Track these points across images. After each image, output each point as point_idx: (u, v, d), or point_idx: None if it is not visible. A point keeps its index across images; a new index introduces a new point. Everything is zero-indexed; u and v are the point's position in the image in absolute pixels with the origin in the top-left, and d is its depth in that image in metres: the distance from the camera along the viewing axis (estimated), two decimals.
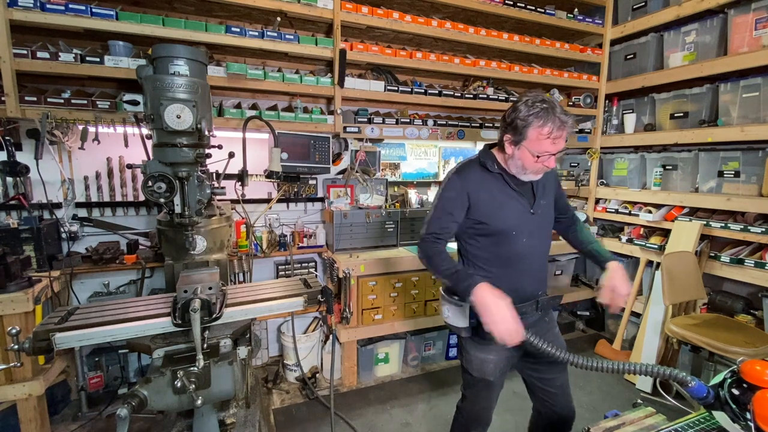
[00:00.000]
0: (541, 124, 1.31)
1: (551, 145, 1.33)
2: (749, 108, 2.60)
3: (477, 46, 3.14)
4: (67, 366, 2.40)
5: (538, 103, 1.33)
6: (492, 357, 1.52)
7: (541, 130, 1.31)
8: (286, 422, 2.43)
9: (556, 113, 1.31)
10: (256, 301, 1.49)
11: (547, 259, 1.62)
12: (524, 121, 1.34)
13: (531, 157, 1.36)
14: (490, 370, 1.54)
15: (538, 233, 1.51)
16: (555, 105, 1.32)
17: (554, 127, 1.31)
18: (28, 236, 2.14)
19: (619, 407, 1.75)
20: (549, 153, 1.34)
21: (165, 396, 1.22)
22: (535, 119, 1.32)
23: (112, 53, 2.25)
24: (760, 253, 2.51)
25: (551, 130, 1.31)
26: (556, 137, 1.32)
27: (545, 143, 1.33)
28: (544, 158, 1.36)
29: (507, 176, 1.48)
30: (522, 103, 1.36)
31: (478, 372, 1.56)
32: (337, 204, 3.01)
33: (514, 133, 1.37)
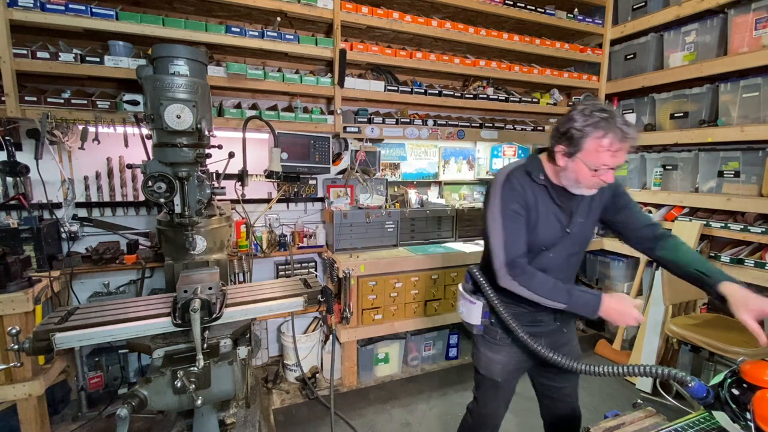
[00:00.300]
0: (601, 135, 1.20)
1: (611, 158, 1.22)
2: (749, 108, 2.60)
3: (477, 46, 3.14)
4: (67, 366, 2.40)
5: (597, 113, 1.21)
6: (500, 358, 1.52)
7: (601, 141, 1.21)
8: (286, 422, 2.43)
9: (618, 123, 1.20)
10: (256, 301, 1.49)
11: (575, 272, 1.53)
12: (581, 132, 1.22)
13: (587, 171, 1.25)
14: (497, 371, 1.53)
15: (568, 250, 1.43)
16: (615, 114, 1.21)
17: (615, 139, 1.20)
18: (28, 236, 2.14)
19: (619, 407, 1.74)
20: (607, 166, 1.23)
21: (165, 396, 1.22)
22: (594, 129, 1.21)
23: (112, 53, 2.25)
24: (760, 253, 2.51)
25: (612, 141, 1.20)
26: (618, 150, 1.21)
27: (604, 156, 1.22)
28: (602, 172, 1.25)
29: (552, 189, 1.37)
30: (578, 112, 1.24)
31: (485, 370, 1.56)
32: (337, 204, 3.01)
33: (569, 144, 1.26)
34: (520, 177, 1.38)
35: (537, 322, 1.48)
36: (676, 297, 2.47)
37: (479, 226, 3.41)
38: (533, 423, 2.46)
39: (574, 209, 1.40)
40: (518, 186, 1.36)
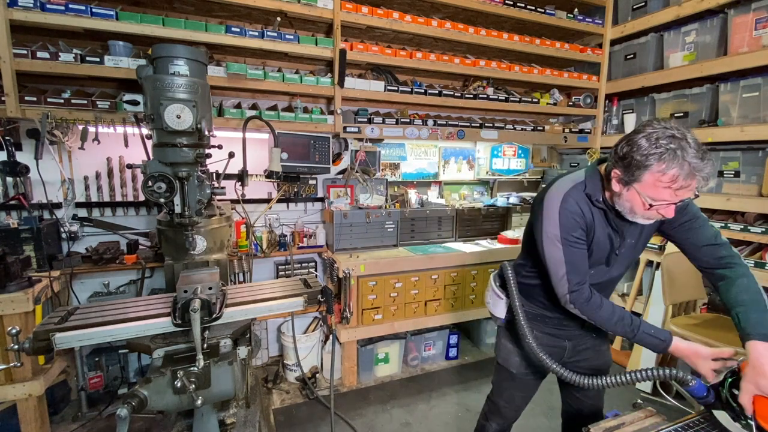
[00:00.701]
0: (663, 169, 1.03)
1: (671, 195, 1.06)
2: (749, 108, 2.60)
3: (477, 46, 3.14)
4: (67, 366, 2.40)
5: (664, 141, 1.03)
6: (520, 350, 1.52)
7: (662, 176, 1.04)
8: (286, 422, 2.43)
9: (688, 156, 1.01)
10: (256, 301, 1.49)
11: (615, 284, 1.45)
12: (641, 161, 1.06)
13: (642, 203, 1.12)
14: (514, 363, 1.53)
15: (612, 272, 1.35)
16: (687, 146, 1.02)
17: (681, 175, 1.02)
18: (28, 236, 2.14)
19: (619, 407, 1.74)
20: (667, 202, 1.08)
21: (165, 396, 1.22)
22: (657, 162, 1.04)
23: (112, 53, 2.25)
24: (760, 253, 2.51)
25: (675, 178, 1.03)
26: (681, 187, 1.04)
27: (664, 192, 1.06)
28: (660, 206, 1.10)
29: (610, 211, 1.24)
30: (643, 136, 1.07)
31: (503, 360, 1.58)
32: (337, 204, 3.01)
33: (625, 172, 1.11)
34: (579, 198, 1.23)
35: (563, 326, 1.45)
36: (676, 297, 2.47)
37: (479, 226, 3.42)
38: (533, 423, 2.46)
39: (626, 231, 1.28)
40: (578, 209, 1.22)
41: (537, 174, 4.01)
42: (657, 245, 2.99)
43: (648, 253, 3.07)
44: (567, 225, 1.21)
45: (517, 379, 1.55)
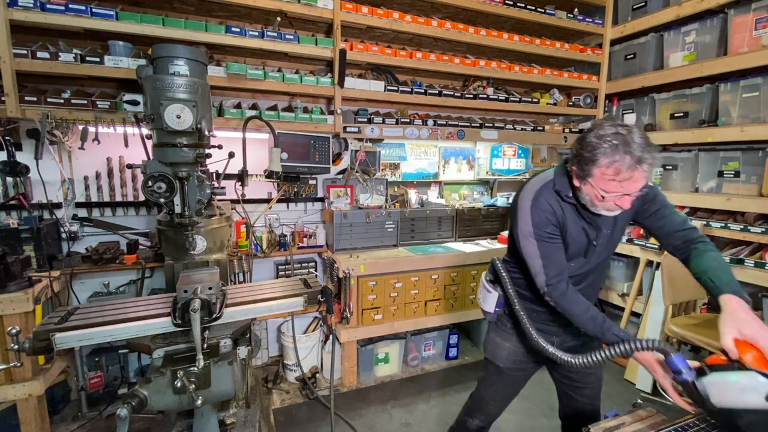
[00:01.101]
0: (607, 163, 1.12)
1: (618, 186, 1.14)
2: (749, 108, 2.60)
3: (477, 46, 3.14)
4: (67, 366, 2.40)
5: (609, 137, 1.12)
6: (507, 345, 1.56)
7: (606, 170, 1.13)
8: (286, 422, 2.43)
9: (631, 149, 1.10)
10: (256, 301, 1.49)
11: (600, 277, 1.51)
12: (589, 156, 1.16)
13: (596, 196, 1.20)
14: (501, 357, 1.57)
15: (593, 261, 1.41)
16: (631, 140, 1.11)
17: (623, 167, 1.10)
18: (28, 236, 2.14)
19: (619, 407, 1.74)
20: (617, 194, 1.16)
21: (165, 396, 1.22)
22: (602, 156, 1.13)
23: (112, 53, 2.25)
24: (760, 253, 2.51)
25: (618, 170, 1.11)
26: (626, 179, 1.12)
27: (611, 184, 1.15)
28: (614, 197, 1.18)
29: (580, 205, 1.32)
30: (593, 135, 1.16)
31: (491, 355, 1.61)
32: (337, 204, 3.01)
33: (580, 168, 1.21)
34: (548, 196, 1.32)
35: (550, 322, 1.49)
36: (676, 297, 2.48)
37: (479, 226, 3.41)
38: (533, 423, 2.46)
39: (601, 223, 1.35)
40: (548, 207, 1.31)
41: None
42: (657, 245, 2.99)
43: (648, 253, 3.07)
44: (539, 222, 1.30)
45: (504, 373, 1.59)
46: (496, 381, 1.62)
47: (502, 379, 1.61)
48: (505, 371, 1.58)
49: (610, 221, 1.36)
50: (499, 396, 1.63)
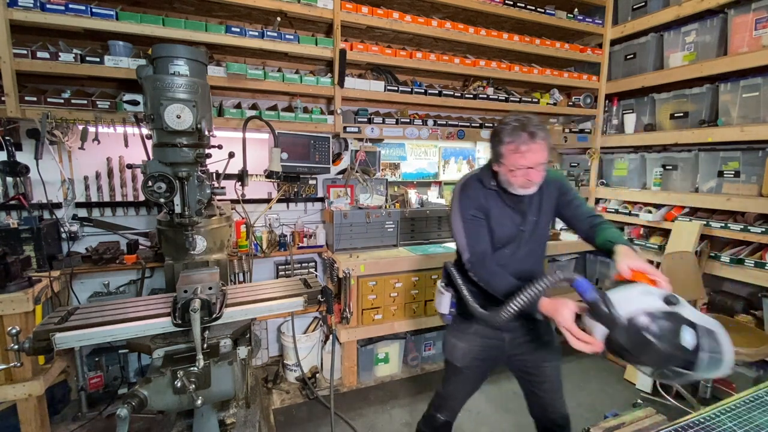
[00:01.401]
0: (509, 141, 1.40)
1: (522, 159, 1.39)
2: (749, 108, 2.60)
3: (477, 46, 3.14)
4: (67, 366, 2.40)
5: (511, 122, 1.41)
6: (462, 345, 1.66)
7: (509, 146, 1.40)
8: (286, 422, 2.43)
9: (526, 129, 1.37)
10: (256, 301, 1.49)
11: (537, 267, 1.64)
12: (498, 140, 1.44)
13: (508, 171, 1.44)
14: (457, 356, 1.67)
15: (525, 247, 1.57)
16: (528, 122, 1.39)
17: (520, 142, 1.38)
18: (28, 236, 2.14)
19: (619, 407, 1.75)
20: (523, 166, 1.40)
21: (165, 396, 1.22)
22: (506, 137, 1.41)
23: (112, 53, 2.25)
24: (760, 253, 2.51)
25: (518, 145, 1.38)
26: (526, 151, 1.38)
27: (514, 157, 1.40)
28: (522, 172, 1.41)
29: (503, 192, 1.53)
30: (500, 125, 1.45)
31: (448, 354, 1.72)
32: (337, 204, 3.01)
33: (494, 153, 1.48)
34: (473, 184, 1.56)
35: None
36: None
37: None
38: (532, 423, 2.46)
39: (527, 209, 1.55)
40: (472, 193, 1.54)
41: None
42: (657, 245, 2.99)
43: (648, 253, 3.07)
44: (464, 205, 1.54)
45: (462, 372, 1.68)
46: (456, 380, 1.71)
47: (460, 378, 1.70)
48: (463, 370, 1.67)
49: (534, 208, 1.56)
50: (459, 393, 1.73)
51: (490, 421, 2.47)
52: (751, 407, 1.14)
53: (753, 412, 1.11)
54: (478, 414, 2.38)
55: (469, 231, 1.52)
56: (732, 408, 1.14)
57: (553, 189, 1.59)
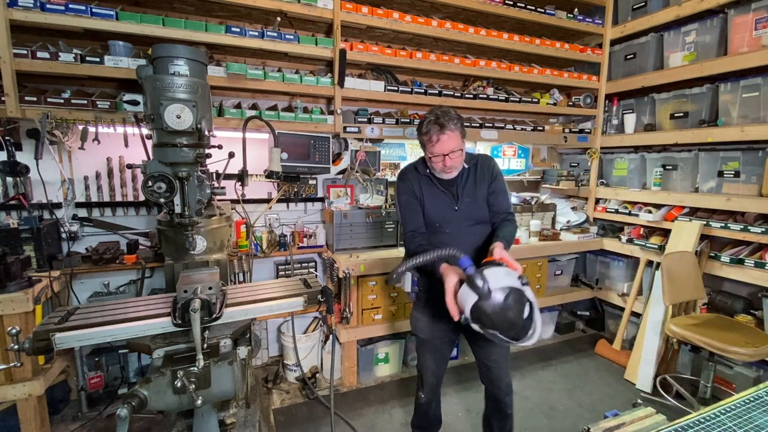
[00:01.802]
0: (425, 132, 1.64)
1: (435, 147, 1.63)
2: (749, 108, 2.60)
3: (477, 46, 3.14)
4: (67, 366, 2.40)
5: (428, 116, 1.65)
6: (423, 318, 1.87)
7: (425, 137, 1.65)
8: (286, 422, 2.43)
9: (438, 121, 1.60)
10: (256, 301, 1.49)
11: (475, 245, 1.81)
12: (418, 132, 1.69)
13: (430, 160, 1.69)
14: (420, 328, 1.89)
15: (461, 225, 1.77)
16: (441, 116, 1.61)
17: (433, 133, 1.61)
18: (28, 236, 2.14)
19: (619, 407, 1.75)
20: (439, 154, 1.63)
21: (165, 396, 1.22)
22: (423, 129, 1.65)
23: (112, 53, 2.25)
24: (760, 253, 2.51)
25: (431, 136, 1.62)
26: (437, 140, 1.62)
27: (430, 147, 1.65)
28: (438, 158, 1.65)
29: (435, 178, 1.77)
30: (421, 118, 1.68)
31: (414, 328, 1.94)
32: (337, 204, 3.01)
33: (421, 144, 1.72)
34: (408, 173, 1.82)
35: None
36: (676, 297, 2.47)
37: None
38: (532, 423, 2.46)
39: (460, 192, 1.77)
40: (407, 180, 1.80)
41: (537, 174, 4.01)
42: (657, 245, 2.99)
43: (648, 253, 3.07)
44: (400, 190, 1.81)
45: (426, 343, 1.89)
46: (423, 352, 1.93)
47: (427, 349, 1.90)
48: (426, 341, 1.89)
49: (470, 190, 1.77)
50: (429, 365, 1.91)
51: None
52: (751, 407, 1.14)
53: (753, 412, 1.11)
54: (477, 414, 2.37)
55: (404, 212, 1.79)
56: (732, 408, 1.14)
57: (486, 173, 1.81)
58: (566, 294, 3.51)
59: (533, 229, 3.33)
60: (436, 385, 1.96)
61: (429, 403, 1.99)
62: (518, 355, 3.27)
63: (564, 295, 3.50)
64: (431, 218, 1.77)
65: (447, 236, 1.76)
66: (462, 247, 1.67)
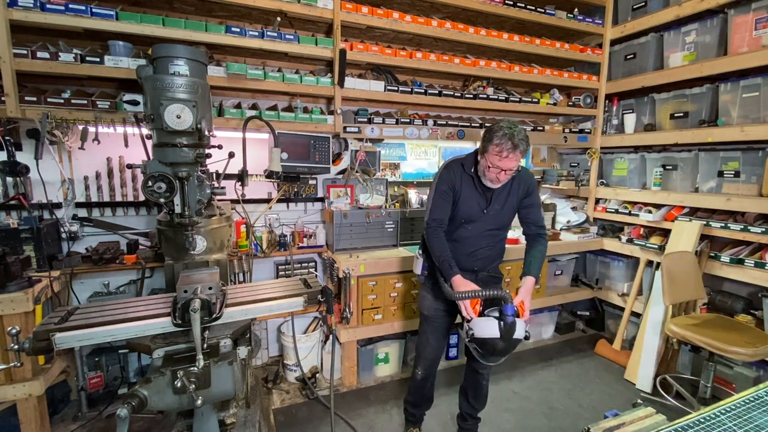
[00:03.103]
0: (497, 143, 1.68)
1: (499, 161, 1.70)
2: (749, 108, 2.60)
3: (477, 46, 3.14)
4: (67, 366, 2.40)
5: (504, 127, 1.69)
6: (429, 297, 2.04)
7: (495, 147, 1.69)
8: (286, 422, 2.43)
9: (513, 139, 1.65)
10: (256, 301, 1.49)
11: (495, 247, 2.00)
12: (488, 137, 1.72)
13: (487, 166, 1.75)
14: (425, 306, 2.06)
15: (484, 227, 1.92)
16: (516, 133, 1.66)
17: (504, 148, 1.67)
18: (28, 236, 2.14)
19: (619, 407, 1.75)
20: (499, 168, 1.71)
21: (165, 396, 1.22)
22: (496, 138, 1.69)
23: (112, 53, 2.25)
24: (760, 253, 2.51)
25: (501, 149, 1.68)
26: (505, 157, 1.68)
27: (495, 158, 1.70)
28: (495, 171, 1.73)
29: (477, 179, 1.85)
30: (496, 125, 1.73)
31: (420, 306, 2.10)
32: (337, 204, 3.01)
33: (482, 146, 1.77)
34: (455, 166, 1.89)
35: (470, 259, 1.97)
36: (676, 297, 2.47)
37: None
38: (532, 423, 2.46)
39: (494, 198, 1.88)
40: (451, 173, 1.87)
41: (537, 174, 4.01)
42: (657, 245, 2.99)
43: (648, 253, 3.07)
44: (441, 179, 1.88)
45: (428, 320, 2.06)
46: (425, 328, 2.08)
47: (428, 326, 2.07)
48: (429, 318, 2.05)
49: (502, 199, 1.89)
50: (428, 341, 2.07)
51: (491, 420, 2.47)
52: (751, 407, 1.14)
53: (753, 412, 1.11)
54: None
55: (436, 201, 1.88)
56: (732, 408, 1.14)
57: (522, 187, 1.91)
58: (566, 294, 3.51)
59: None
60: (434, 361, 2.10)
61: (426, 379, 2.13)
62: (518, 355, 3.27)
63: (564, 295, 3.50)
64: (460, 214, 1.89)
65: (468, 232, 1.91)
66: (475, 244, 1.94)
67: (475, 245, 1.93)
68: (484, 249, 1.95)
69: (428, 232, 1.90)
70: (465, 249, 1.93)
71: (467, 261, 1.94)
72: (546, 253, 1.94)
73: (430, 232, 1.89)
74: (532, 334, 3.54)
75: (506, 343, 1.61)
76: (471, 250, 1.94)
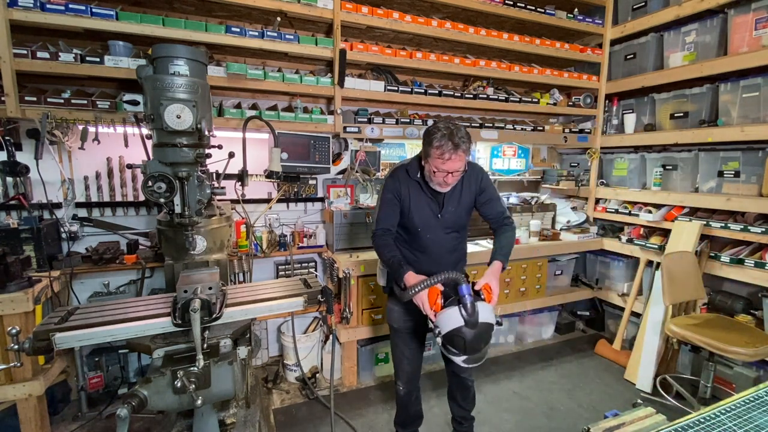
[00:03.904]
0: (437, 146, 1.60)
1: (442, 164, 1.61)
2: (749, 108, 2.60)
3: (477, 46, 3.14)
4: (67, 366, 2.40)
5: (442, 129, 1.61)
6: (396, 308, 1.95)
7: (436, 150, 1.60)
8: (286, 422, 2.43)
9: (453, 139, 1.57)
10: (256, 301, 1.49)
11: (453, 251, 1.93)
12: (428, 141, 1.64)
13: (431, 171, 1.67)
14: (394, 317, 1.97)
15: (441, 232, 1.85)
16: (456, 133, 1.59)
17: (445, 150, 1.58)
18: (28, 236, 2.14)
19: (619, 407, 1.75)
20: (444, 171, 1.62)
21: (165, 396, 1.22)
22: (434, 140, 1.60)
23: (112, 53, 2.25)
24: (760, 253, 2.51)
25: (443, 152, 1.59)
26: (447, 159, 1.59)
27: (438, 162, 1.62)
28: (441, 174, 1.64)
29: (425, 184, 1.78)
30: (434, 126, 1.65)
31: (389, 318, 2.01)
32: (337, 204, 3.01)
33: (424, 151, 1.70)
34: (400, 174, 1.82)
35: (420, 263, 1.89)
36: (676, 297, 2.47)
37: (479, 226, 3.41)
38: (532, 423, 2.46)
39: (446, 201, 1.80)
40: (396, 181, 1.80)
41: (537, 174, 4.01)
42: (657, 245, 2.99)
43: (648, 253, 3.07)
44: (387, 188, 1.82)
45: (398, 332, 1.98)
46: (397, 341, 2.00)
47: (399, 339, 1.99)
48: (399, 330, 1.97)
49: (455, 200, 1.82)
50: (403, 354, 1.99)
51: (490, 421, 2.47)
52: (751, 407, 1.14)
53: (753, 412, 1.11)
54: (478, 414, 2.37)
55: (383, 209, 1.82)
56: (732, 408, 1.14)
57: (473, 184, 1.84)
58: (566, 294, 3.51)
59: (533, 229, 3.33)
60: (413, 374, 2.02)
61: (409, 395, 2.04)
62: (518, 355, 3.27)
63: (564, 295, 3.50)
64: (414, 223, 1.81)
65: (427, 240, 1.84)
66: (438, 251, 1.88)
67: (438, 252, 1.87)
68: (447, 254, 1.90)
69: (375, 239, 1.81)
70: (429, 257, 1.87)
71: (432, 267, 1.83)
72: (514, 238, 1.88)
73: (377, 238, 1.80)
74: (533, 334, 3.54)
75: (474, 329, 1.48)
76: (435, 257, 1.87)
